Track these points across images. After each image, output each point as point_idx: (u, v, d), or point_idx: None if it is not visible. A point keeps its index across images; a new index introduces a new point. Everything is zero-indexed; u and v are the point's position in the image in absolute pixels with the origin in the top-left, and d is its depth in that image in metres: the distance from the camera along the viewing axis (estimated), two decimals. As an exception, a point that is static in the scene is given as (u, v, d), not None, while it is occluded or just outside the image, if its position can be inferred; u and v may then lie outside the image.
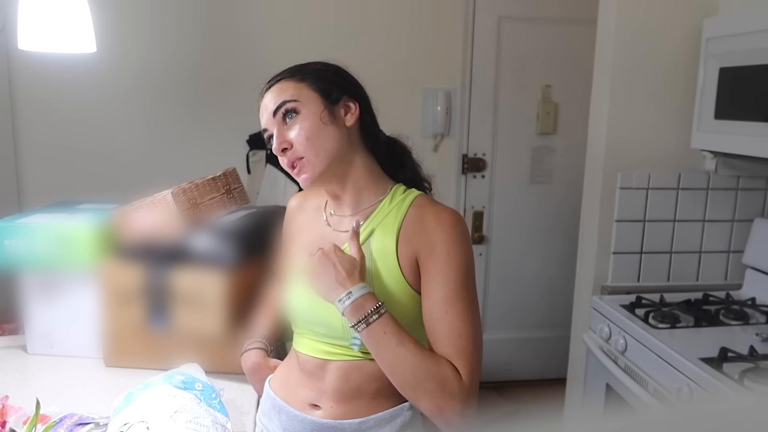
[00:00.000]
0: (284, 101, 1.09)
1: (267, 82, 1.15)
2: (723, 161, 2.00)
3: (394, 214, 1.10)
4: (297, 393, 1.15)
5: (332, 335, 1.10)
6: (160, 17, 2.82)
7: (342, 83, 1.16)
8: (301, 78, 1.13)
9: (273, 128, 1.10)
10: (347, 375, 1.10)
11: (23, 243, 1.41)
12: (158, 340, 1.39)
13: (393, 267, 1.07)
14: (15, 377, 1.40)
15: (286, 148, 1.08)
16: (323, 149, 1.08)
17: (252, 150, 2.96)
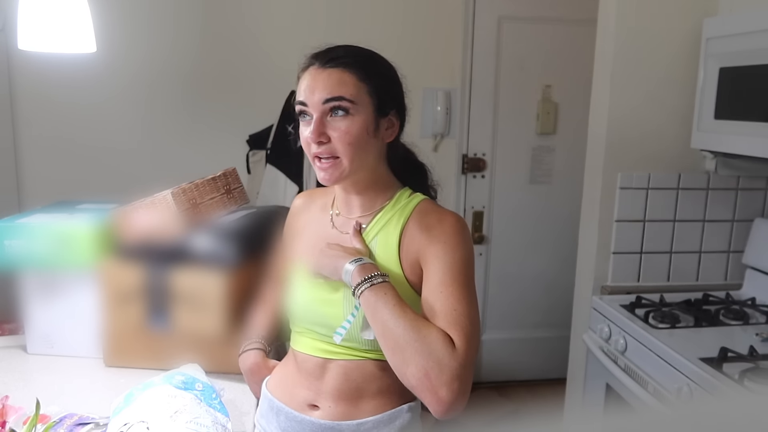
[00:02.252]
0: (341, 98, 1.04)
1: (326, 52, 1.09)
2: (723, 161, 2.00)
3: (397, 217, 1.11)
4: (295, 393, 1.15)
5: (331, 335, 1.09)
6: (160, 17, 2.82)
7: (395, 96, 1.13)
8: (365, 76, 1.07)
9: (314, 113, 1.05)
10: (347, 374, 1.10)
11: (23, 243, 1.41)
12: (158, 340, 1.39)
13: (395, 269, 1.07)
14: (15, 377, 1.40)
15: (322, 141, 1.05)
16: (358, 158, 1.06)
17: (252, 150, 2.95)
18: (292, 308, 1.17)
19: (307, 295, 1.13)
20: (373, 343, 1.06)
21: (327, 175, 1.07)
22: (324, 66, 1.07)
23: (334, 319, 1.08)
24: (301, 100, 1.07)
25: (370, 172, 1.11)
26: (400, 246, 1.08)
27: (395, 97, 1.12)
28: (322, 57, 1.08)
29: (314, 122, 1.05)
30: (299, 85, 1.09)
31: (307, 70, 1.08)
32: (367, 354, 1.09)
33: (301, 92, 1.07)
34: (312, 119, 1.05)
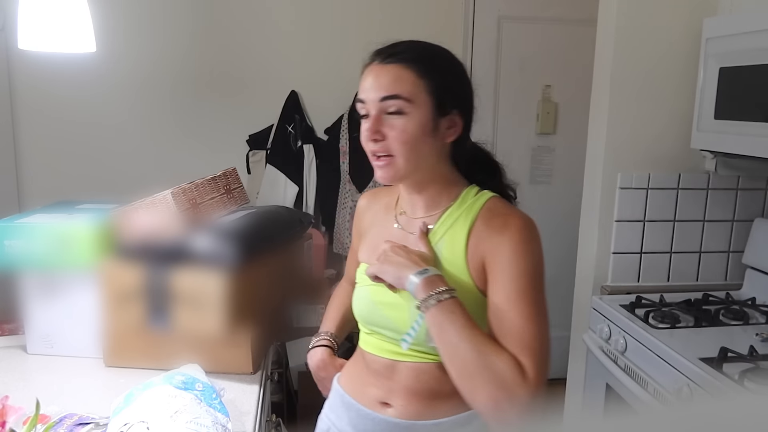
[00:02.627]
0: (398, 96, 1.01)
1: (388, 47, 1.06)
2: (723, 161, 2.00)
3: (464, 217, 1.07)
4: (366, 391, 1.14)
5: (399, 338, 1.07)
6: (160, 17, 2.82)
7: (457, 93, 1.08)
8: (424, 72, 1.03)
9: (372, 110, 1.03)
10: (417, 376, 1.08)
11: (23, 243, 1.41)
12: (158, 340, 1.39)
13: (462, 271, 1.04)
14: (15, 377, 1.40)
15: (377, 139, 1.03)
16: (415, 157, 1.03)
17: (252, 150, 2.96)
18: (358, 310, 1.15)
19: (372, 298, 1.10)
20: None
21: (383, 174, 1.05)
22: (384, 62, 1.03)
23: (400, 323, 1.06)
24: (360, 97, 1.05)
25: (430, 172, 1.08)
26: (468, 248, 1.05)
27: (458, 95, 1.08)
28: (383, 52, 1.05)
29: (371, 120, 1.03)
30: (361, 82, 1.06)
31: (369, 66, 1.05)
32: (438, 357, 1.04)
33: (361, 89, 1.05)
34: (370, 116, 1.03)
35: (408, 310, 1.05)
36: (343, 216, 2.94)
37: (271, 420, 1.50)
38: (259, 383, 1.39)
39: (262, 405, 1.34)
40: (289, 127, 2.90)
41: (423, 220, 1.11)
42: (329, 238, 3.01)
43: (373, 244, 1.14)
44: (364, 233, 1.22)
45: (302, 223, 1.69)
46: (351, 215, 2.92)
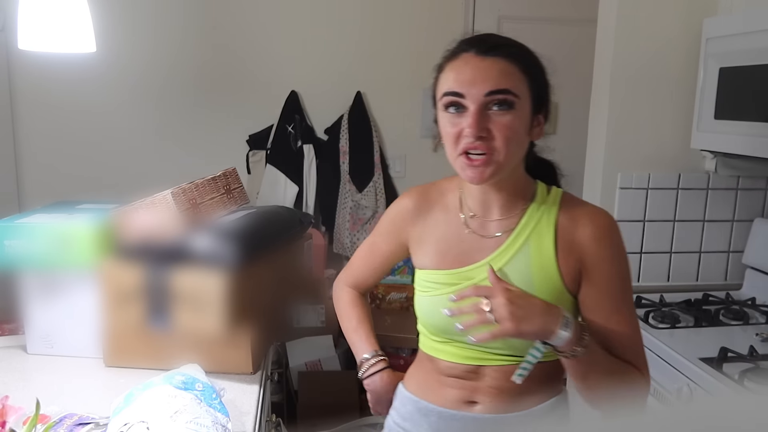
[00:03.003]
0: (507, 90, 0.95)
1: (485, 38, 1.00)
2: (723, 161, 2.00)
3: (546, 216, 1.05)
4: (445, 393, 1.12)
5: (487, 345, 1.04)
6: (161, 17, 2.82)
7: (547, 92, 1.04)
8: (526, 68, 0.98)
9: (472, 104, 0.95)
10: (504, 376, 1.06)
11: (23, 243, 1.41)
12: (158, 340, 1.39)
13: (552, 273, 1.02)
14: (15, 377, 1.40)
15: (482, 136, 0.96)
16: (511, 156, 0.98)
17: (252, 150, 2.96)
18: (431, 320, 1.09)
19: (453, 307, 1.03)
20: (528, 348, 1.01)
21: (478, 173, 0.98)
22: (485, 54, 0.97)
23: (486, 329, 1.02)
24: (454, 90, 0.97)
25: (512, 171, 1.03)
26: (557, 248, 1.03)
27: (547, 93, 1.04)
28: (480, 44, 0.98)
29: (473, 115, 0.95)
30: (446, 74, 1.00)
31: (459, 57, 0.99)
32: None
33: (454, 81, 0.97)
34: (467, 111, 0.96)
35: None
36: (343, 216, 2.94)
37: (271, 420, 1.50)
38: (259, 383, 1.39)
39: (262, 405, 1.34)
40: (289, 127, 2.90)
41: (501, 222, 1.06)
42: (329, 238, 3.01)
43: (440, 250, 1.09)
44: (415, 237, 1.15)
45: (302, 223, 1.69)
46: (351, 215, 2.92)
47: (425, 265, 1.12)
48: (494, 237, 1.06)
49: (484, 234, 1.07)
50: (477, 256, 1.07)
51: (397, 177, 3.07)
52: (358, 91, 2.94)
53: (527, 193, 1.08)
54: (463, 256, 1.08)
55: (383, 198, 2.99)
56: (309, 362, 2.74)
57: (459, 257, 1.08)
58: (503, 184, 1.05)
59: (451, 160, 1.01)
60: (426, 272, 1.11)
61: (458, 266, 1.08)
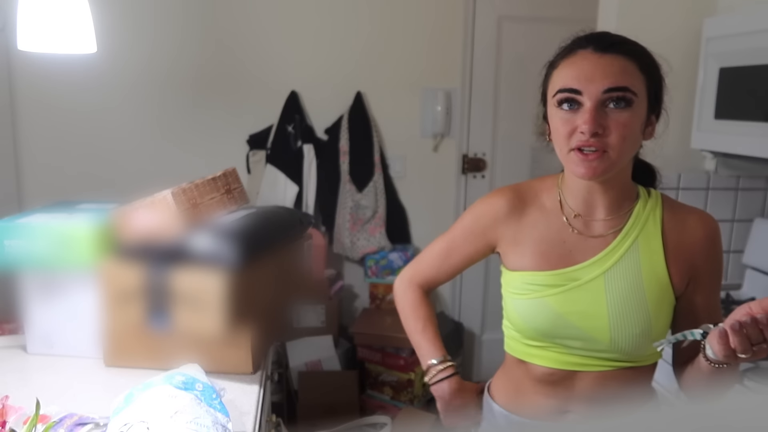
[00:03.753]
0: (627, 88, 0.94)
1: (603, 36, 0.99)
2: (723, 161, 2.00)
3: (652, 219, 1.05)
4: (538, 403, 1.09)
5: (591, 348, 1.03)
6: (161, 17, 2.82)
7: (662, 93, 1.04)
8: (644, 66, 0.98)
9: (589, 100, 0.95)
10: (603, 383, 1.05)
11: (23, 243, 1.41)
12: (158, 340, 1.39)
13: (662, 274, 1.02)
14: (15, 377, 1.40)
15: (598, 133, 0.94)
16: (625, 154, 0.97)
17: (252, 150, 2.96)
18: (533, 324, 1.06)
19: (558, 309, 1.03)
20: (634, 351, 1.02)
21: (591, 169, 0.96)
22: (603, 51, 0.96)
23: (594, 332, 1.02)
24: (571, 87, 0.96)
25: (622, 171, 1.02)
26: (666, 249, 1.03)
27: (661, 93, 1.05)
28: (599, 41, 0.98)
29: (590, 111, 0.94)
30: (561, 70, 0.99)
31: (577, 53, 0.98)
32: (625, 363, 1.04)
33: (571, 78, 0.97)
34: (582, 108, 0.95)
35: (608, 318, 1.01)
36: (343, 216, 2.94)
37: (271, 420, 1.50)
38: (259, 383, 1.39)
39: (262, 405, 1.34)
40: (289, 127, 2.90)
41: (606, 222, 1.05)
42: (329, 238, 3.01)
43: (540, 251, 1.07)
44: (509, 239, 1.11)
45: (302, 223, 1.69)
46: (351, 215, 2.92)
47: (523, 266, 1.08)
48: (600, 237, 1.05)
49: (589, 234, 1.06)
50: (582, 256, 1.05)
51: (397, 177, 3.07)
52: (358, 91, 2.94)
53: (632, 193, 1.07)
54: (566, 256, 1.06)
55: (383, 198, 2.99)
56: (309, 362, 2.74)
57: (562, 258, 1.06)
58: (611, 184, 1.03)
59: (561, 157, 1.00)
60: (524, 274, 1.08)
61: (562, 267, 1.05)
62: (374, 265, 2.97)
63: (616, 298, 1.01)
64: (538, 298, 1.05)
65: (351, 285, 3.15)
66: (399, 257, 2.96)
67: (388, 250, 2.97)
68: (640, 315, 1.01)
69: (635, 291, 1.01)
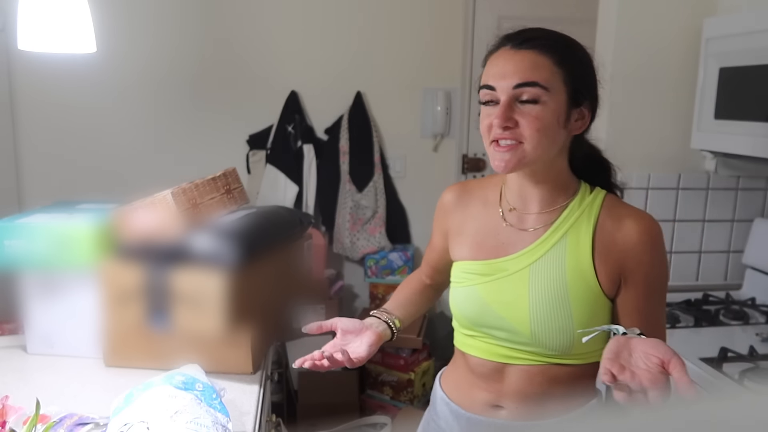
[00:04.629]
0: (535, 83, 0.96)
1: (521, 32, 1.01)
2: (723, 161, 2.00)
3: (586, 216, 1.05)
4: (473, 395, 1.12)
5: (515, 340, 1.05)
6: (161, 17, 2.82)
7: (589, 85, 1.04)
8: (561, 60, 0.99)
9: (502, 96, 0.97)
10: (531, 378, 1.06)
11: (23, 243, 1.41)
12: (158, 340, 1.39)
13: (587, 272, 1.02)
14: (15, 377, 1.40)
15: (509, 126, 0.97)
16: (542, 147, 0.98)
17: (252, 150, 2.96)
18: (463, 310, 1.10)
19: (484, 297, 1.07)
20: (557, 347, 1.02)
21: (506, 159, 0.98)
22: (518, 47, 0.98)
23: (516, 323, 1.03)
24: (488, 84, 0.99)
25: (549, 164, 1.03)
26: (594, 249, 1.02)
27: (590, 88, 1.04)
28: (515, 38, 1.00)
29: (501, 106, 0.97)
30: (487, 68, 1.02)
31: (498, 51, 1.01)
32: (551, 359, 1.04)
33: (489, 75, 1.00)
34: (498, 104, 0.98)
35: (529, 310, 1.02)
36: (343, 216, 2.94)
37: (271, 420, 1.50)
38: (259, 383, 1.39)
39: (262, 405, 1.34)
40: (289, 127, 2.90)
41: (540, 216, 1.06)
42: (329, 238, 3.01)
43: (476, 241, 1.10)
44: (454, 230, 1.16)
45: (302, 223, 1.69)
46: (351, 215, 2.92)
47: (462, 256, 1.13)
48: (531, 230, 1.06)
49: (521, 227, 1.08)
50: (512, 248, 1.07)
51: (397, 177, 3.07)
52: (358, 91, 2.94)
53: (569, 189, 1.07)
54: (498, 248, 1.08)
55: (383, 198, 2.99)
56: (309, 362, 2.73)
57: (495, 249, 1.08)
58: (542, 177, 1.05)
59: (487, 151, 1.03)
60: (461, 263, 1.12)
61: (493, 257, 1.08)
62: (374, 265, 2.97)
63: (538, 290, 1.03)
64: (469, 286, 1.09)
65: (351, 285, 3.15)
66: (399, 257, 2.96)
67: (388, 250, 2.97)
68: (561, 310, 1.01)
69: (558, 285, 1.02)
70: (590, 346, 1.03)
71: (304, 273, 1.83)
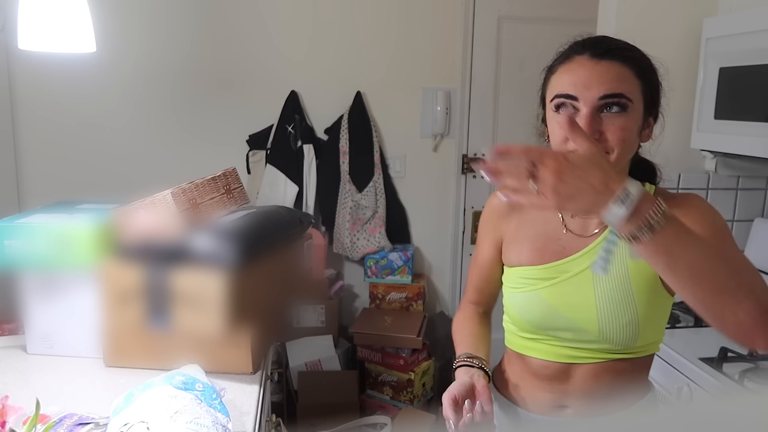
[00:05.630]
0: (622, 95, 0.96)
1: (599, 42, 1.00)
2: (723, 161, 2.00)
3: None
4: (537, 396, 1.12)
5: (581, 339, 1.06)
6: (160, 17, 2.82)
7: (659, 96, 1.06)
8: (640, 72, 0.99)
9: (585, 107, 0.96)
10: (597, 377, 1.07)
11: (23, 243, 1.41)
12: (158, 340, 1.39)
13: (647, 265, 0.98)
14: (15, 377, 1.40)
15: (594, 138, 0.96)
16: (624, 156, 0.99)
17: (252, 150, 2.96)
18: (526, 317, 1.10)
19: (550, 301, 1.07)
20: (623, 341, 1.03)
21: None
22: (600, 58, 0.98)
23: (585, 323, 1.03)
24: (568, 92, 0.98)
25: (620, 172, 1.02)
26: None
27: (659, 97, 1.06)
28: (594, 47, 0.99)
29: (586, 117, 0.96)
30: (558, 76, 1.01)
31: (573, 59, 1.00)
32: (616, 354, 1.05)
33: (568, 84, 0.98)
34: (579, 114, 0.97)
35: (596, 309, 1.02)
36: (343, 216, 2.94)
37: (271, 420, 1.50)
38: (259, 383, 1.39)
39: (262, 405, 1.34)
40: (289, 127, 2.90)
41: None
42: (329, 238, 3.01)
43: (536, 247, 1.10)
44: (510, 235, 1.15)
45: (302, 223, 1.69)
46: (351, 215, 2.92)
47: (520, 261, 1.12)
48: (594, 234, 1.07)
49: (582, 233, 1.08)
50: (573, 251, 1.08)
51: (397, 177, 3.07)
52: (358, 91, 2.94)
53: None
54: (560, 252, 1.09)
55: (383, 198, 2.99)
56: (309, 362, 2.74)
57: (556, 253, 1.09)
58: None
59: None
60: (520, 269, 1.12)
61: (554, 260, 1.08)
62: (374, 265, 2.97)
63: (603, 289, 1.04)
64: (532, 291, 1.09)
65: (351, 285, 3.15)
66: (399, 257, 2.96)
67: (388, 250, 2.97)
68: (627, 305, 1.02)
69: (621, 282, 1.03)
70: (651, 338, 1.07)
71: (304, 273, 1.83)
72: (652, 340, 1.08)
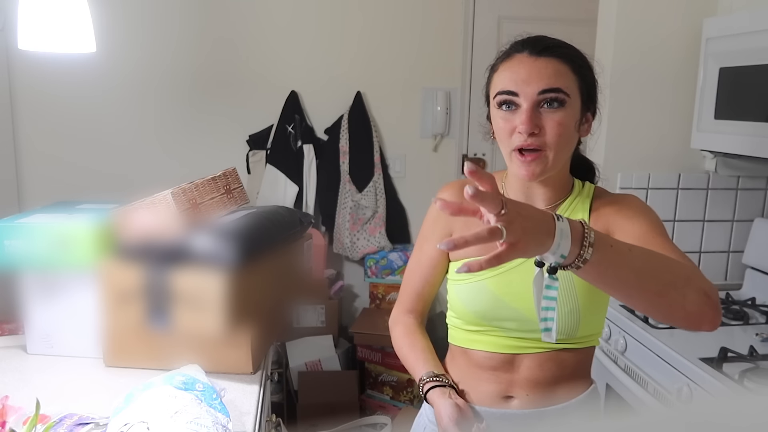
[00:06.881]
0: (559, 89, 1.00)
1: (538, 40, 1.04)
2: (723, 161, 2.00)
3: (581, 204, 1.11)
4: (481, 389, 1.13)
5: (526, 329, 1.08)
6: (160, 17, 2.82)
7: (596, 91, 1.10)
8: (577, 68, 1.04)
9: (525, 101, 1.00)
10: (541, 365, 1.09)
11: (23, 243, 1.41)
12: (158, 340, 1.39)
13: None
14: (15, 377, 1.40)
15: (534, 133, 1.00)
16: (563, 152, 1.03)
17: (252, 150, 2.96)
18: (473, 308, 1.10)
19: (496, 291, 1.08)
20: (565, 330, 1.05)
21: (530, 170, 1.01)
22: (538, 54, 1.02)
23: (530, 312, 1.03)
24: (509, 89, 1.02)
25: (561, 167, 1.08)
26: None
27: (596, 92, 1.10)
28: (534, 45, 1.03)
29: (526, 112, 0.99)
30: (500, 73, 1.05)
31: (513, 57, 1.04)
32: (559, 345, 1.08)
33: (508, 80, 1.02)
34: (520, 109, 1.01)
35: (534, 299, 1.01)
36: (343, 216, 2.94)
37: (271, 420, 1.50)
38: (259, 383, 1.39)
39: (262, 405, 1.34)
40: (289, 127, 2.90)
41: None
42: (329, 238, 3.01)
43: None
44: (459, 228, 1.15)
45: (302, 223, 1.69)
46: (351, 215, 2.92)
47: (467, 253, 1.11)
48: None
49: None
50: None
51: (397, 177, 3.07)
52: (358, 91, 2.94)
53: (567, 187, 1.13)
54: None
55: (383, 198, 2.99)
56: (309, 362, 2.74)
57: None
58: (549, 180, 1.08)
59: (506, 156, 1.06)
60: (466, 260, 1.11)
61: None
62: (374, 265, 2.97)
63: None
64: (477, 281, 1.10)
65: (351, 285, 3.15)
66: (399, 257, 2.96)
67: (388, 250, 2.97)
68: (568, 295, 1.05)
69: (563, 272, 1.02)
70: (591, 329, 1.10)
71: (304, 273, 1.83)
72: (592, 332, 1.11)
